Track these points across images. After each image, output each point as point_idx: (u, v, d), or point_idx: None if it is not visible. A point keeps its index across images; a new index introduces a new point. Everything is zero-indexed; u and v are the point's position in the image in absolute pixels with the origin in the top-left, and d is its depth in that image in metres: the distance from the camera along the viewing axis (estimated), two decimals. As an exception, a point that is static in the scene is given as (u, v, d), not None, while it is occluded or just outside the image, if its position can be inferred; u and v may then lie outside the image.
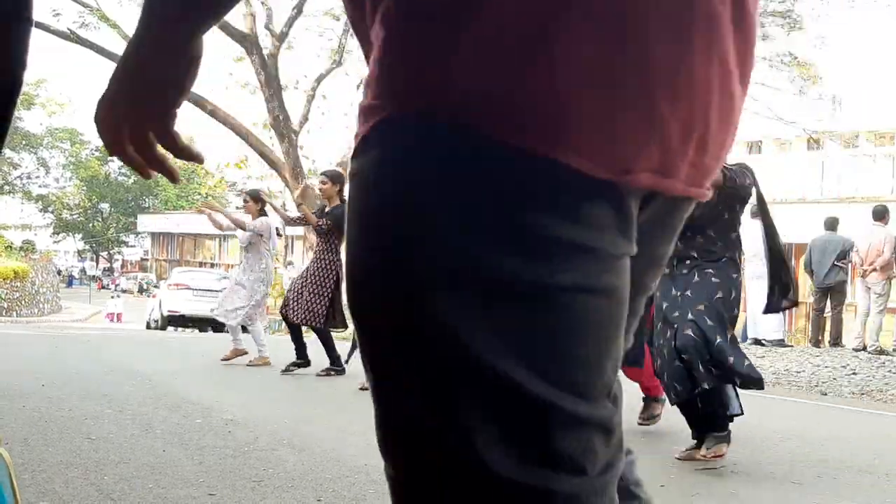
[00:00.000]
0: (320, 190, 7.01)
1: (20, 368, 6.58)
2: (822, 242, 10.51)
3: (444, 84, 0.73)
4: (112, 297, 33.75)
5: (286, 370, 6.97)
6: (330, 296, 6.75)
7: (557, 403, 0.72)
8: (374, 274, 0.76)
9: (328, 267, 6.80)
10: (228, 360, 7.63)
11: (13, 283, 20.74)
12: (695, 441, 3.85)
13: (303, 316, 6.77)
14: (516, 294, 0.72)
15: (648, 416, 4.68)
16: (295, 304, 6.82)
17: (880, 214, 10.05)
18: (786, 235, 4.53)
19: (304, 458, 3.56)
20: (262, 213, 7.64)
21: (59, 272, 56.41)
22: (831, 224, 10.66)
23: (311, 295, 6.75)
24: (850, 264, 10.42)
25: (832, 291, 10.49)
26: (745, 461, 3.82)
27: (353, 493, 3.00)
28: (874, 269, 9.86)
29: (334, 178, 6.90)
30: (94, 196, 56.37)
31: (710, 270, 3.82)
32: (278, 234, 7.95)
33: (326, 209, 6.92)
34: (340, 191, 6.87)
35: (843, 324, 10.63)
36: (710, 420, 3.78)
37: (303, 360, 7.04)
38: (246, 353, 7.60)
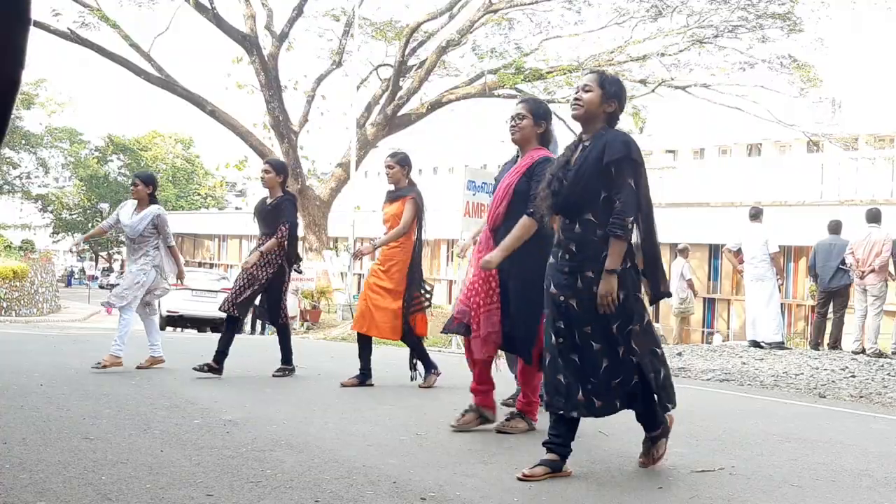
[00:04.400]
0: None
1: (19, 368, 6.57)
2: (826, 245, 10.49)
3: None
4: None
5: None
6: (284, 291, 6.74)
7: None
8: None
9: (273, 262, 6.63)
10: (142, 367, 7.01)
11: (12, 282, 20.75)
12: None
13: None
14: None
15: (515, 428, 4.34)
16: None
17: (874, 216, 10.05)
18: (785, 238, 4.45)
19: (303, 459, 3.56)
20: (153, 199, 6.96)
21: (72, 271, 56.44)
22: (835, 227, 10.65)
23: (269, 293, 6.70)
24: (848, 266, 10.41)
25: (835, 295, 10.49)
26: (743, 464, 3.82)
27: (351, 493, 3.00)
28: (872, 271, 9.85)
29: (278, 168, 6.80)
30: (93, 196, 56.34)
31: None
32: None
33: (269, 200, 6.71)
34: (283, 182, 6.73)
35: (843, 327, 10.61)
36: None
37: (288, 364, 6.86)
38: (162, 361, 7.05)
